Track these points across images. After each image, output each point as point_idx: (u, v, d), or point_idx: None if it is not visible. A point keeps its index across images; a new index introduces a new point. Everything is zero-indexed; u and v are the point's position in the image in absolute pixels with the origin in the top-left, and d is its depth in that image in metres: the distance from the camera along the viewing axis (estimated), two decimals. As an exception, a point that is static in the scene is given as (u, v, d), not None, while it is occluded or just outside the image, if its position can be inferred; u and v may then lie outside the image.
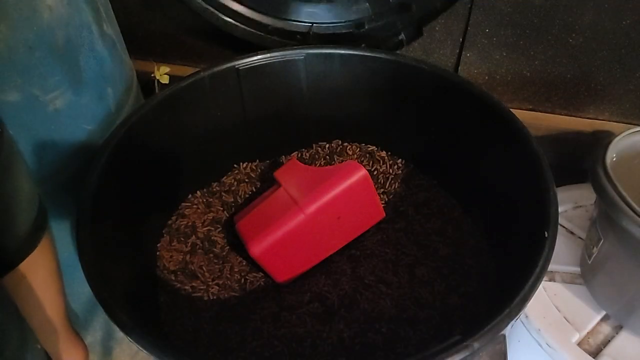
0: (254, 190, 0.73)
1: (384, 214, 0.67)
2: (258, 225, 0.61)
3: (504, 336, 0.43)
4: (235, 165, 0.75)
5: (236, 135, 0.71)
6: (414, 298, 0.59)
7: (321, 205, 0.59)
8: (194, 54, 0.86)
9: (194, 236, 0.66)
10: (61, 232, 0.57)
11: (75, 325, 0.64)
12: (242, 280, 0.62)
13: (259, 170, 0.75)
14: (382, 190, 0.72)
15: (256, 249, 0.59)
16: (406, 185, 0.73)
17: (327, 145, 0.77)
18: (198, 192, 0.72)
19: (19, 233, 0.40)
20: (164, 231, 0.67)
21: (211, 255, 0.65)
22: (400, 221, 0.68)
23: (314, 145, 0.77)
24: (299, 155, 0.77)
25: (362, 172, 0.60)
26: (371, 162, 0.75)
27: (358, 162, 0.75)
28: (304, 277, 0.62)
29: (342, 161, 0.75)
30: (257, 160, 0.76)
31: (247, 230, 0.62)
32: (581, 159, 0.80)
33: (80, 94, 0.54)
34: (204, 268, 0.63)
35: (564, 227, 0.72)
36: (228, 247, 0.66)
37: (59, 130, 0.53)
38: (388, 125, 0.74)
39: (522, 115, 0.65)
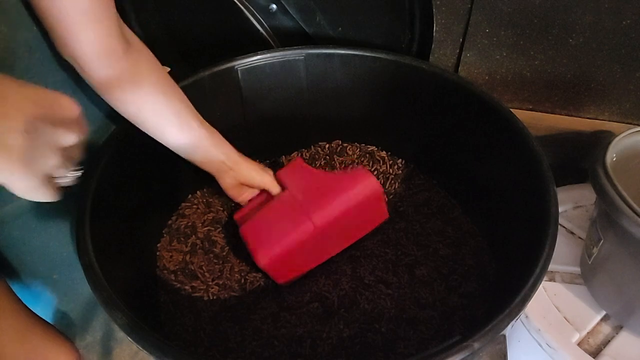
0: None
1: (388, 215, 0.66)
2: (265, 232, 0.59)
3: (504, 336, 0.43)
4: (235, 165, 0.75)
5: (236, 135, 0.71)
6: (414, 298, 0.59)
7: (333, 219, 0.58)
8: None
9: (194, 236, 0.66)
10: (61, 232, 0.57)
11: (74, 326, 0.64)
12: (242, 280, 0.62)
13: (259, 170, 0.75)
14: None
15: (264, 260, 0.58)
16: (406, 185, 0.73)
17: (327, 145, 0.77)
18: (198, 192, 0.72)
19: None
20: (164, 231, 0.67)
21: (211, 255, 0.65)
22: (400, 221, 0.68)
23: (313, 146, 0.77)
24: (299, 155, 0.77)
25: (376, 186, 0.60)
26: (371, 162, 0.75)
27: (358, 162, 0.75)
28: (303, 277, 0.62)
29: (342, 161, 0.75)
30: (257, 160, 0.76)
31: (252, 236, 0.60)
32: (581, 159, 0.80)
33: (80, 94, 0.54)
34: (204, 268, 0.63)
35: (564, 227, 0.72)
36: (228, 247, 0.66)
37: (58, 130, 0.53)
38: (388, 125, 0.74)
39: (522, 115, 0.65)
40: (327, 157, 0.76)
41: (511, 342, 0.67)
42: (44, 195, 0.36)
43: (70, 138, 0.36)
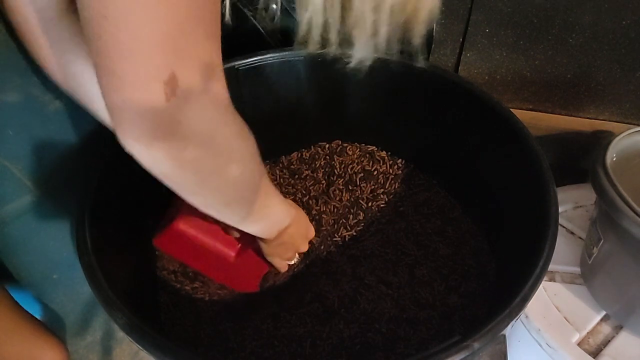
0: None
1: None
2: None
3: (504, 336, 0.43)
4: (235, 165, 0.75)
5: (236, 135, 0.71)
6: (414, 298, 0.59)
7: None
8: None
9: (194, 236, 0.66)
10: (61, 232, 0.57)
11: (74, 325, 0.64)
12: (242, 280, 0.62)
13: (259, 170, 0.75)
14: (382, 190, 0.72)
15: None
16: (406, 185, 0.73)
17: (327, 145, 0.77)
18: (198, 192, 0.72)
19: None
20: (164, 231, 0.67)
21: (211, 255, 0.65)
22: (400, 221, 0.68)
23: (313, 146, 0.77)
24: (299, 155, 0.77)
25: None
26: (371, 162, 0.75)
27: (358, 162, 0.75)
28: (304, 277, 0.62)
29: (342, 161, 0.75)
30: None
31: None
32: (581, 159, 0.80)
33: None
34: (204, 268, 0.63)
35: (564, 227, 0.72)
36: (228, 247, 0.66)
37: (59, 130, 0.53)
38: (388, 125, 0.74)
39: (522, 115, 0.65)
40: (327, 157, 0.76)
41: (511, 342, 0.67)
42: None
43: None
